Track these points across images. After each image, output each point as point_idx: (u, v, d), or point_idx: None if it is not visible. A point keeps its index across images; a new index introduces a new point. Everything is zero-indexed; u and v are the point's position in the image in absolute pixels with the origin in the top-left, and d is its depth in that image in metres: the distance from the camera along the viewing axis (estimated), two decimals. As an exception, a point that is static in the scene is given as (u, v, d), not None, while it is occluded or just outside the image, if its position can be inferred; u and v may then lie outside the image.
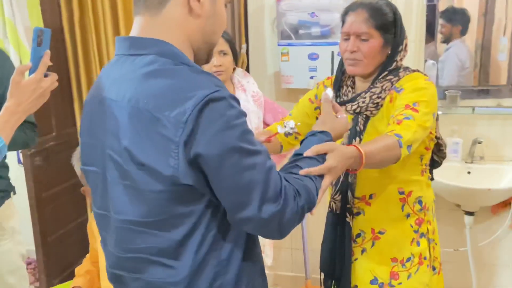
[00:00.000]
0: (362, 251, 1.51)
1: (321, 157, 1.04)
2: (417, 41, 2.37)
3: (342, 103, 1.46)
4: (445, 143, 1.57)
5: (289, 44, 2.43)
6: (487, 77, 2.37)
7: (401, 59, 1.46)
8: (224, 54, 1.94)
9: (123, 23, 2.66)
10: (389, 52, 1.44)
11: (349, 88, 1.52)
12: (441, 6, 2.32)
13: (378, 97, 1.42)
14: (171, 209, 0.89)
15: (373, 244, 1.50)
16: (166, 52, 0.90)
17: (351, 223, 1.51)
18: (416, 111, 1.32)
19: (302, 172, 0.98)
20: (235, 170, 0.85)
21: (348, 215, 1.50)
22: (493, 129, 2.38)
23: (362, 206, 1.49)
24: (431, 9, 2.32)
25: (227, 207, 0.90)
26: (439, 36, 2.36)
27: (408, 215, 1.48)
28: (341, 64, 1.53)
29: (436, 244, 1.56)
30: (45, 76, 1.13)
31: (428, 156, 1.51)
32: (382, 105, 1.42)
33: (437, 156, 1.57)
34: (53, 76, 1.15)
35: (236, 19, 2.49)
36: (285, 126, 1.25)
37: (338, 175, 1.09)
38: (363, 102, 1.44)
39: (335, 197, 1.53)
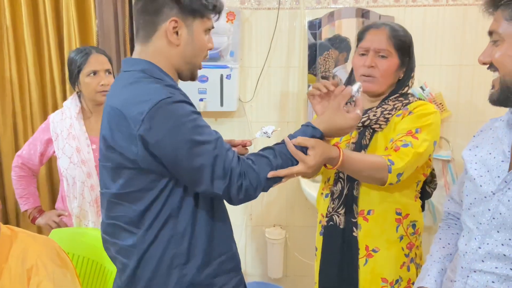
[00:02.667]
0: None
1: (300, 148, 1.18)
2: (301, 67, 2.49)
3: None
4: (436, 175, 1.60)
5: (177, 66, 2.39)
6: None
7: (410, 86, 1.50)
8: (109, 73, 1.87)
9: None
10: (401, 75, 1.48)
11: (368, 102, 1.52)
12: (324, 35, 2.47)
13: (388, 113, 1.44)
14: (136, 184, 1.14)
15: (366, 262, 1.48)
16: (146, 69, 1.17)
17: (357, 237, 1.47)
18: (416, 138, 1.35)
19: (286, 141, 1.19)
20: (187, 157, 1.08)
21: (354, 229, 1.47)
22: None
23: (360, 221, 1.47)
24: (313, 37, 2.46)
25: (186, 184, 1.15)
26: (325, 62, 2.49)
27: (401, 238, 1.48)
28: (348, 83, 1.52)
29: None
30: None
31: (421, 183, 1.53)
32: (390, 121, 1.44)
33: (429, 186, 1.59)
34: None
35: (121, 39, 2.39)
36: (261, 131, 1.34)
37: (311, 170, 1.19)
38: (374, 115, 1.45)
39: (338, 210, 1.49)
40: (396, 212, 1.47)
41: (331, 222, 1.52)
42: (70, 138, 1.84)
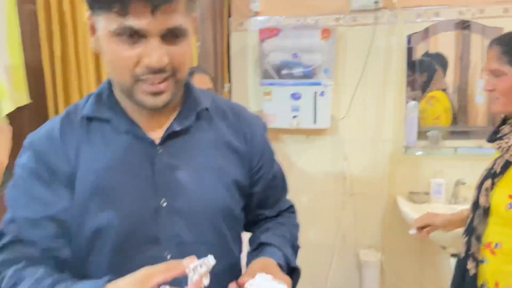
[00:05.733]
0: None
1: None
2: (399, 83, 2.41)
3: (491, 140, 1.38)
4: None
5: (271, 84, 2.44)
6: (466, 119, 2.40)
7: None
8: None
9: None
10: None
11: (508, 126, 1.37)
12: (419, 50, 2.37)
13: None
14: None
15: None
16: (98, 93, 0.86)
17: (470, 271, 1.36)
18: None
19: None
20: None
21: (468, 262, 1.38)
22: (475, 170, 2.36)
23: (487, 254, 1.32)
24: (410, 52, 2.36)
25: None
26: (420, 78, 2.40)
27: None
28: None
29: None
30: None
31: None
32: None
33: None
34: None
35: (219, 58, 2.49)
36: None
37: None
38: (506, 143, 1.31)
39: (462, 239, 1.43)
40: None
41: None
42: None
